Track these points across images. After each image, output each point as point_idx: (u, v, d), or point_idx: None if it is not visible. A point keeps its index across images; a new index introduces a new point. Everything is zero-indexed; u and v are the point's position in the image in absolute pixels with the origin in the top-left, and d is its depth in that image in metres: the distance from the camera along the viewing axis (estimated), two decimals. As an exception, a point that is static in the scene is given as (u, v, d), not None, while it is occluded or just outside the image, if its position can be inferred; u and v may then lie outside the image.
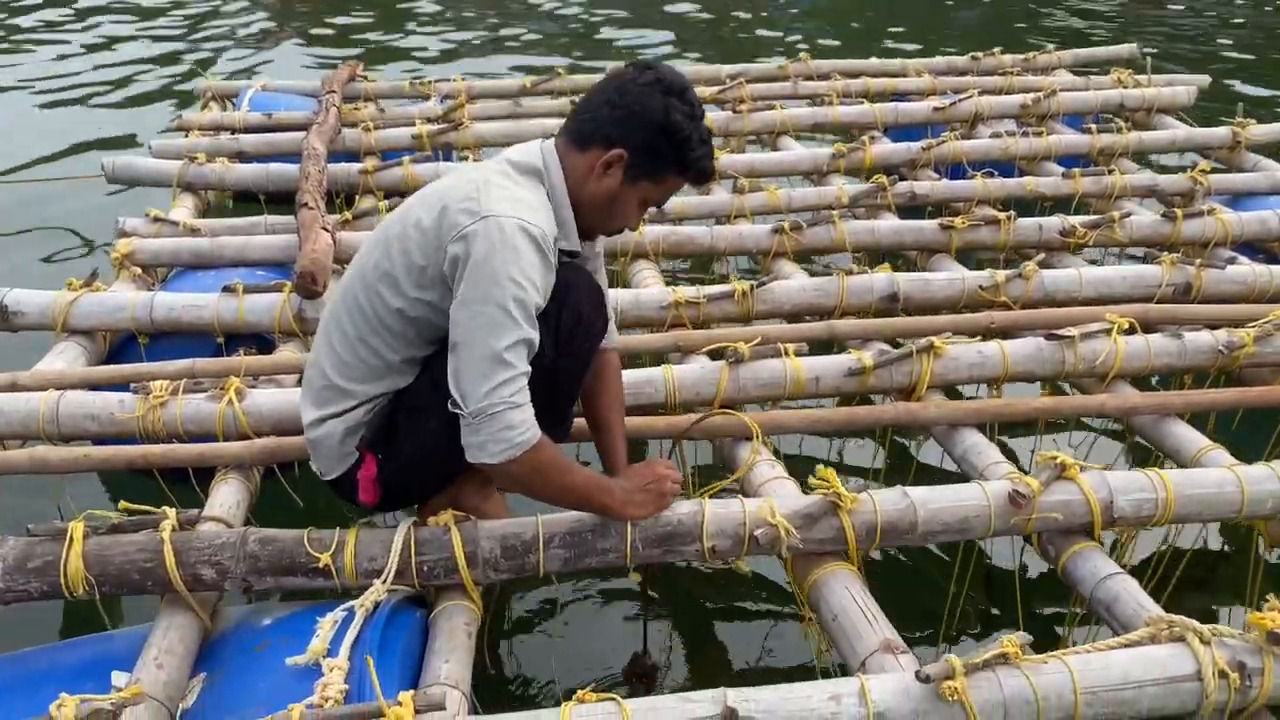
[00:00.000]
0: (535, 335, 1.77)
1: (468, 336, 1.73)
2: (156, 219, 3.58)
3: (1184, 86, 5.04)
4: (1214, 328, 2.87)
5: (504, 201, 1.78)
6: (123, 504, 2.02)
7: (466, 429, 1.76)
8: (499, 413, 1.71)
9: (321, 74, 5.34)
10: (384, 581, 1.89)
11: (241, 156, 4.26)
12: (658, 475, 1.97)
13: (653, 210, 2.13)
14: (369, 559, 1.92)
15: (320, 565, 1.90)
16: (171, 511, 1.95)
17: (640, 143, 1.85)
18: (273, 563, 1.91)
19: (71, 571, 1.86)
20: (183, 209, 3.84)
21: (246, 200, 4.28)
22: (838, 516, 2.00)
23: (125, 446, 2.35)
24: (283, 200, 3.91)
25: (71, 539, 1.88)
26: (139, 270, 3.30)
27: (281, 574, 1.92)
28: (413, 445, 1.94)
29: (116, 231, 3.56)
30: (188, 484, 2.36)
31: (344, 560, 1.91)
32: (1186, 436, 2.53)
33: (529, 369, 1.77)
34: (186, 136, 4.48)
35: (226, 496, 2.22)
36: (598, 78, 5.11)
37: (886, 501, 2.05)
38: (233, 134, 4.51)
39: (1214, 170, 4.20)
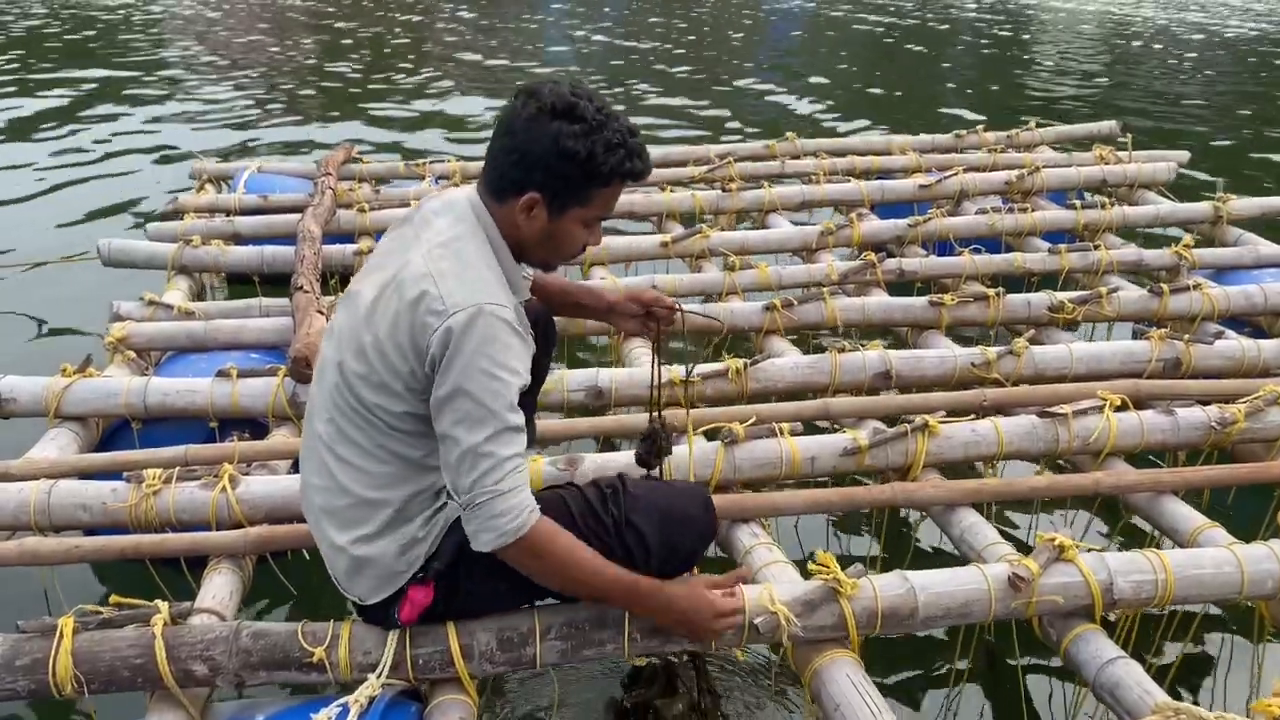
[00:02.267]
0: (518, 420, 1.74)
1: (449, 431, 1.72)
2: (151, 302, 3.59)
3: (1164, 163, 5.15)
4: (1205, 403, 2.89)
5: (463, 289, 1.72)
6: (114, 597, 1.99)
7: (463, 518, 1.75)
8: (484, 502, 1.70)
9: (318, 155, 5.40)
10: (379, 676, 1.86)
11: (237, 239, 4.30)
12: (728, 604, 1.91)
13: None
14: (363, 652, 1.90)
15: (314, 660, 1.87)
16: (163, 605, 1.93)
17: (546, 180, 1.76)
18: (266, 658, 1.89)
19: (60, 669, 1.83)
20: (177, 292, 3.86)
21: (241, 282, 4.30)
22: (838, 603, 1.98)
23: (117, 537, 2.33)
24: (278, 282, 3.93)
25: (61, 635, 1.86)
26: (133, 355, 3.29)
27: (275, 669, 1.89)
28: (480, 584, 1.89)
29: (111, 315, 3.56)
30: (180, 569, 2.33)
31: (338, 654, 1.88)
32: (1183, 515, 2.52)
33: (519, 450, 1.74)
34: (182, 219, 4.52)
35: (219, 587, 2.19)
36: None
37: (886, 587, 2.03)
38: (228, 216, 4.55)
39: (1197, 245, 4.27)
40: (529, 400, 2.01)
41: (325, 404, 1.86)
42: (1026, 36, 14.68)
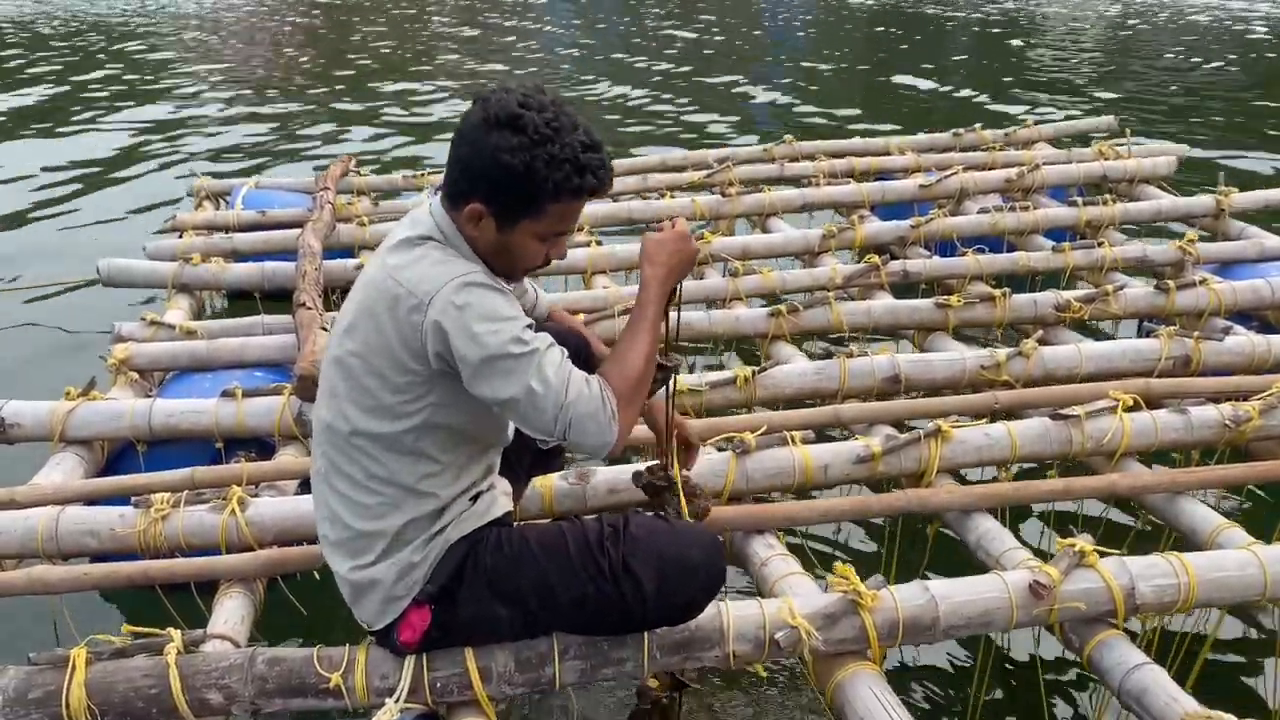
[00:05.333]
0: (541, 340, 1.72)
1: (499, 397, 1.69)
2: (153, 322, 3.56)
3: (1164, 157, 5.14)
4: (1217, 401, 2.87)
5: (427, 275, 1.71)
6: (126, 626, 1.96)
7: (571, 448, 1.75)
8: (571, 423, 1.69)
9: (316, 167, 5.38)
10: (396, 700, 1.83)
11: (236, 255, 4.28)
12: (675, 229, 1.90)
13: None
14: (380, 677, 1.88)
15: (331, 685, 1.85)
16: (176, 633, 1.91)
17: (488, 191, 1.70)
18: (282, 684, 1.87)
19: (74, 702, 1.80)
20: (178, 310, 3.83)
21: (242, 298, 4.27)
22: (859, 615, 1.96)
23: (125, 563, 2.30)
24: (279, 298, 3.90)
25: (74, 666, 1.83)
26: (136, 376, 3.27)
27: (291, 695, 1.87)
28: (479, 608, 1.86)
29: (112, 336, 3.54)
30: (190, 594, 2.31)
31: (355, 680, 1.86)
32: (1201, 515, 2.50)
33: (557, 357, 1.72)
34: (180, 237, 4.49)
35: (231, 612, 2.17)
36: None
37: (907, 598, 2.01)
38: (226, 233, 4.52)
39: (1201, 239, 4.25)
40: None
41: (318, 438, 1.86)
42: (1027, 26, 14.69)
